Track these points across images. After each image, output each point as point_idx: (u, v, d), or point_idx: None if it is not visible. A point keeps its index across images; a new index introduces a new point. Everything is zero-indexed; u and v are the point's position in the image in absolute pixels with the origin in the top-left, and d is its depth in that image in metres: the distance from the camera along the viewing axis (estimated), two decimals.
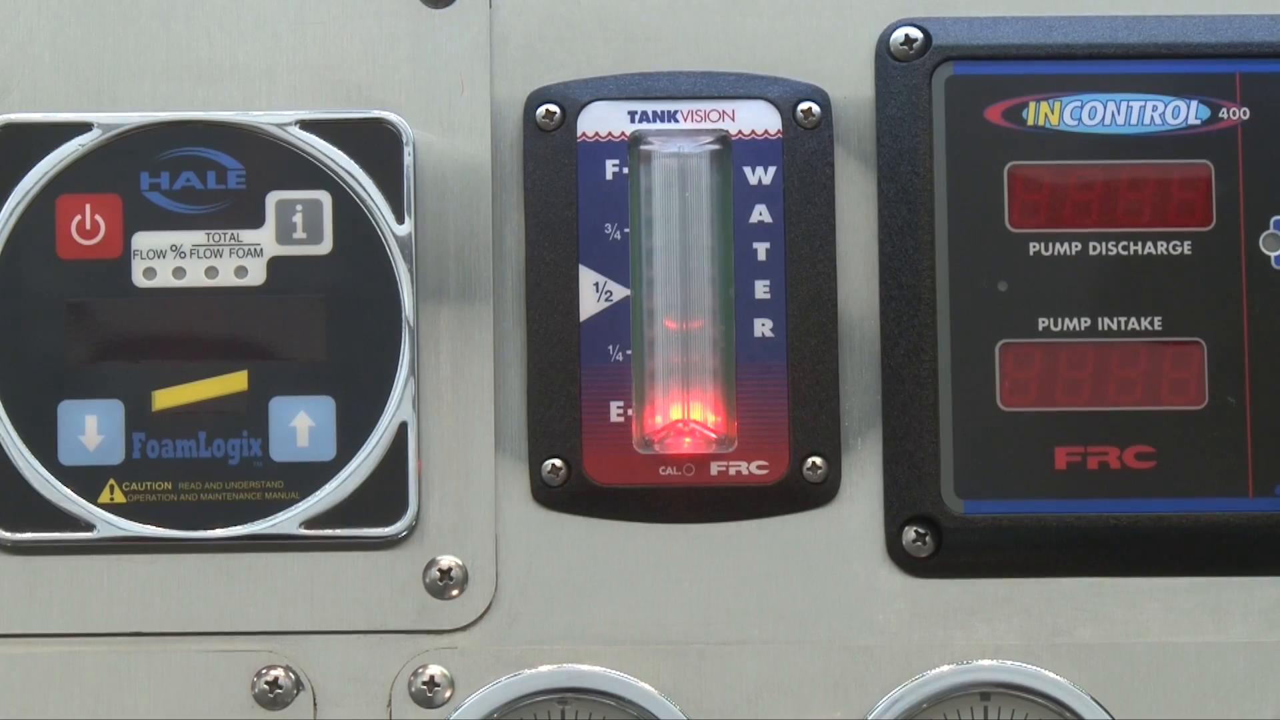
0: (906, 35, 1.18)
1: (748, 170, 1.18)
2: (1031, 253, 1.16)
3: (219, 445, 1.15)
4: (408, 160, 1.17)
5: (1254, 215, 1.16)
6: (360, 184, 1.16)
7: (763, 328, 1.17)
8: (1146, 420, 1.16)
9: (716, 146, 1.18)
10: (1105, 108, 1.17)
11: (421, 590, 1.15)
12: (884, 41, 1.18)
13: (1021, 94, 1.17)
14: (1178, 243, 1.16)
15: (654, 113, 1.18)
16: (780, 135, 1.18)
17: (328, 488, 1.15)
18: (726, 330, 1.17)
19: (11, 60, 1.18)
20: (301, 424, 1.15)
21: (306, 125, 1.17)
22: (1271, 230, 1.17)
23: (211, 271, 1.15)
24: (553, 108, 1.18)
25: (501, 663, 1.15)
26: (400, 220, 1.16)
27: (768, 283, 1.17)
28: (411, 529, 1.15)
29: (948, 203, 1.17)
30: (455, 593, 1.15)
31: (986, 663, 1.15)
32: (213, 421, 1.15)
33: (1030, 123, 1.17)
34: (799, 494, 1.16)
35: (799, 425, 1.17)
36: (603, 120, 1.18)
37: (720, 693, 1.15)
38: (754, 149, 1.18)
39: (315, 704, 1.14)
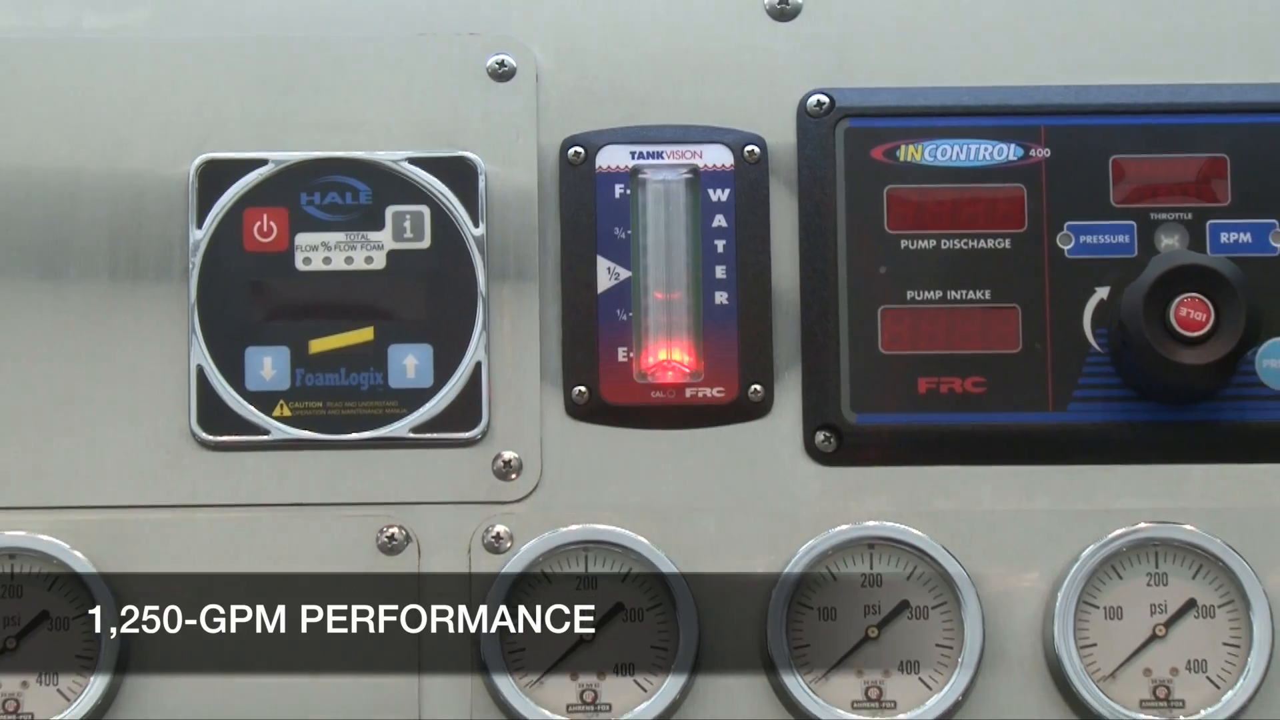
0: (819, 100, 1.30)
1: (711, 192, 1.29)
2: (903, 247, 1.29)
3: (354, 377, 1.26)
4: (481, 185, 1.28)
5: (1053, 221, 1.29)
6: (449, 201, 1.28)
7: (720, 298, 1.29)
8: (980, 360, 1.28)
9: (690, 176, 1.30)
10: (953, 148, 1.28)
11: (491, 475, 1.27)
12: (803, 104, 1.30)
13: (896, 140, 1.28)
14: (1001, 240, 1.29)
15: (648, 152, 1.30)
16: (733, 169, 1.29)
17: (428, 406, 1.27)
18: (696, 300, 1.29)
19: (210, 117, 1.29)
20: (410, 363, 1.27)
21: (414, 161, 1.28)
22: (1065, 231, 1.29)
23: (349, 260, 1.27)
24: (580, 149, 1.29)
25: (545, 524, 1.26)
26: (476, 225, 1.28)
27: (724, 267, 1.29)
28: (484, 433, 1.27)
29: (845, 214, 1.29)
30: (514, 477, 1.27)
31: (872, 524, 1.27)
32: (350, 361, 1.26)
33: (902, 159, 1.29)
34: (745, 410, 1.28)
35: (745, 363, 1.28)
36: (613, 158, 1.29)
37: (691, 543, 1.27)
38: (715, 178, 1.29)
39: (420, 553, 1.26)
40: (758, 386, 1.29)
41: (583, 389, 1.28)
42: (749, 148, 1.30)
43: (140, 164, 1.28)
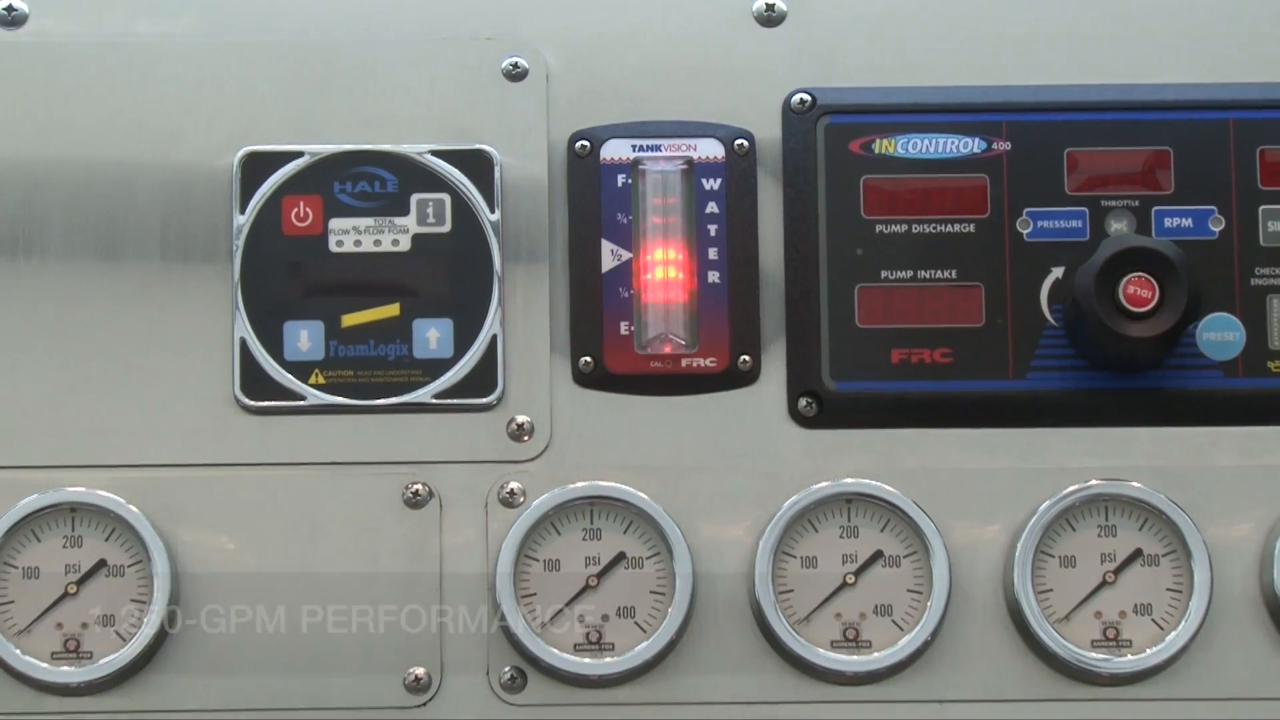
0: (802, 98, 1.33)
1: (704, 181, 1.33)
2: (877, 231, 1.32)
3: (382, 348, 1.30)
4: (497, 174, 1.31)
5: (1013, 208, 1.32)
6: (468, 189, 1.31)
7: (713, 276, 1.33)
8: (947, 333, 1.31)
9: (685, 166, 1.33)
10: (923, 141, 1.32)
11: (505, 436, 1.31)
12: (788, 102, 1.33)
13: (872, 134, 1.32)
14: (966, 224, 1.32)
15: (647, 145, 1.33)
16: (724, 160, 1.33)
17: (449, 374, 1.30)
18: (691, 278, 1.33)
19: (251, 113, 1.32)
20: (433, 335, 1.30)
21: (436, 153, 1.32)
22: (1024, 216, 1.33)
23: (377, 242, 1.31)
24: (586, 143, 1.32)
25: (554, 481, 1.30)
26: (493, 211, 1.31)
27: (716, 249, 1.33)
28: (500, 399, 1.31)
29: (826, 201, 1.32)
30: (526, 438, 1.31)
31: (849, 481, 1.30)
32: (378, 333, 1.30)
33: (877, 152, 1.32)
34: (735, 378, 1.32)
35: (735, 336, 1.32)
36: (616, 150, 1.33)
37: (687, 499, 1.30)
38: (708, 168, 1.33)
39: (441, 507, 1.29)
40: (746, 357, 1.33)
41: (588, 359, 1.33)
42: (739, 142, 1.34)
43: (189, 156, 1.32)
